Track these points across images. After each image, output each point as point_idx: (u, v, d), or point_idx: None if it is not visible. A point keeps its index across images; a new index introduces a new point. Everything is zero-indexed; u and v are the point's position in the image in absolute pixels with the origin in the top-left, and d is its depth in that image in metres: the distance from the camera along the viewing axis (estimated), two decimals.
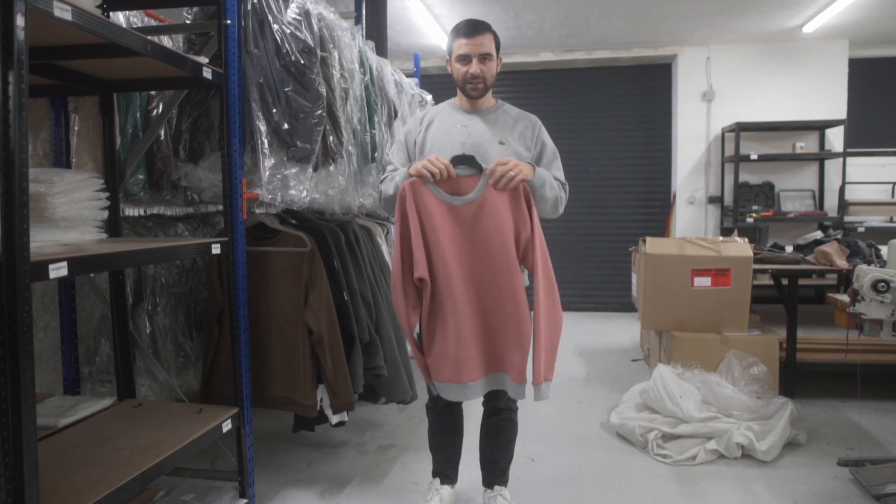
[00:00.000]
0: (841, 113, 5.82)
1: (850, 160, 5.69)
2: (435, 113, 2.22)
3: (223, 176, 2.16)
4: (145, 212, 2.54)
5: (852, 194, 5.83)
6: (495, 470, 2.34)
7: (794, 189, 5.96)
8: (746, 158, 5.63)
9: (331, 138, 2.43)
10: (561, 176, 2.21)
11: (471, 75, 2.09)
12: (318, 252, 2.47)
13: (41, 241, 1.70)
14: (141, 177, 2.42)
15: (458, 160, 2.02)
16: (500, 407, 2.26)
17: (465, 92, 2.16)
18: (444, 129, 2.14)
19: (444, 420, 2.33)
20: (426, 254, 1.99)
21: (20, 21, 1.27)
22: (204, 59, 2.08)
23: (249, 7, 2.18)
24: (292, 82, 2.21)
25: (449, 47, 2.16)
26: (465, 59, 2.09)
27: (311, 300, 2.44)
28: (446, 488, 2.36)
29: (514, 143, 2.14)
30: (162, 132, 2.43)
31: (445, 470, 2.38)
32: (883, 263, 3.06)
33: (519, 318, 2.01)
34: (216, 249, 2.10)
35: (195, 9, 2.33)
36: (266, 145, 2.20)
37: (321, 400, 2.52)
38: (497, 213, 1.98)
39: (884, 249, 3.32)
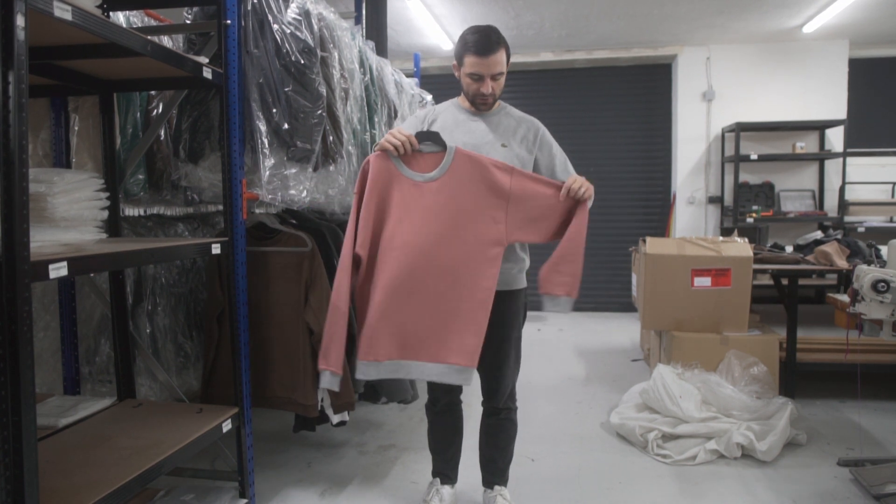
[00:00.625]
0: (841, 113, 5.82)
1: (850, 160, 5.69)
2: (438, 112, 2.21)
3: (223, 176, 2.16)
4: (145, 212, 2.53)
5: (852, 194, 5.83)
6: (495, 470, 2.34)
7: (794, 189, 5.96)
8: (746, 158, 5.63)
9: (331, 138, 2.43)
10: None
11: (482, 94, 2.07)
12: (318, 252, 2.47)
13: (41, 241, 1.70)
14: (141, 177, 2.42)
15: (424, 136, 1.98)
16: (500, 406, 2.26)
17: (474, 104, 2.15)
18: (448, 130, 2.12)
19: (444, 420, 2.33)
20: (374, 230, 1.96)
21: (20, 21, 1.27)
22: (204, 59, 2.08)
23: (249, 7, 2.17)
24: (292, 82, 2.20)
25: (458, 56, 2.09)
26: (477, 77, 2.05)
27: (312, 300, 2.44)
28: (446, 488, 2.36)
29: (516, 147, 2.14)
30: (162, 132, 2.43)
31: (445, 470, 2.38)
32: (883, 263, 3.05)
33: (474, 301, 1.95)
34: (216, 249, 2.10)
35: (195, 9, 2.33)
36: (266, 145, 2.19)
37: (322, 400, 2.52)
38: (471, 194, 1.94)
39: (884, 249, 3.32)
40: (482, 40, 2.01)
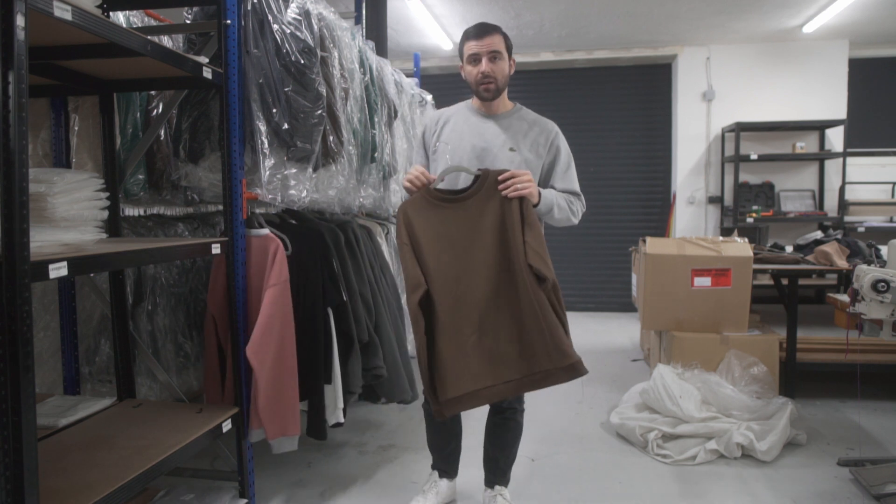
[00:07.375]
0: (841, 113, 5.82)
1: (850, 160, 5.69)
2: (451, 114, 2.25)
3: (223, 176, 2.16)
4: (145, 212, 2.53)
5: (852, 194, 5.83)
6: (496, 469, 2.34)
7: (794, 189, 5.96)
8: (746, 158, 5.63)
9: (331, 138, 2.43)
10: (574, 186, 2.20)
11: (482, 74, 2.11)
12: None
13: (41, 241, 1.70)
14: (141, 177, 2.41)
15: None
16: (504, 406, 2.26)
17: (479, 94, 2.17)
18: (458, 131, 2.17)
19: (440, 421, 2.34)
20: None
21: (20, 21, 1.27)
22: (204, 59, 2.08)
23: (249, 7, 2.17)
24: (292, 82, 2.20)
25: (460, 51, 2.19)
26: (475, 58, 2.12)
27: None
28: (444, 481, 2.38)
29: (525, 150, 2.15)
30: (162, 132, 2.43)
31: (444, 465, 2.40)
32: (883, 263, 3.05)
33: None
34: (216, 249, 2.10)
35: (195, 9, 2.33)
36: (266, 145, 2.20)
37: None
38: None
39: (884, 249, 3.32)
40: (477, 26, 2.13)
